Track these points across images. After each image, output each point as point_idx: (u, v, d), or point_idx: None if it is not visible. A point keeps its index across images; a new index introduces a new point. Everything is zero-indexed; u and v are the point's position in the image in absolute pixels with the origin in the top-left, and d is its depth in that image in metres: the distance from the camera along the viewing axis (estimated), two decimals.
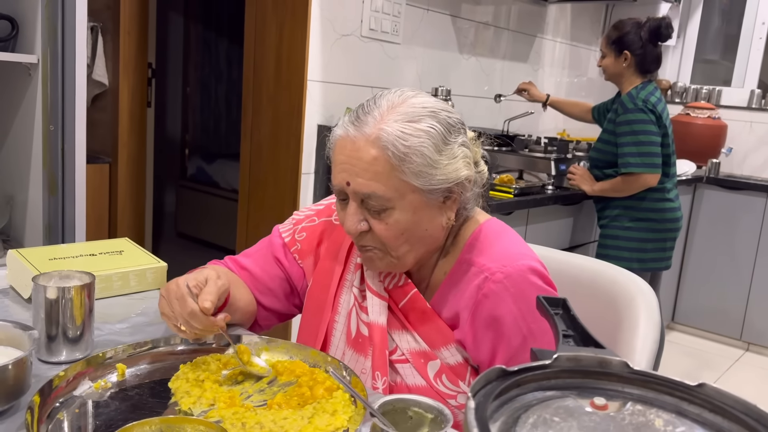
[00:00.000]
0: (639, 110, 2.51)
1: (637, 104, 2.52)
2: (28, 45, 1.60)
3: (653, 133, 2.51)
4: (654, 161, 2.52)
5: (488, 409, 0.55)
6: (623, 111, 2.55)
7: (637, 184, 2.57)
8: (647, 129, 2.51)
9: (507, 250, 1.05)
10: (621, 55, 2.61)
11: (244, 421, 0.82)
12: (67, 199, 1.57)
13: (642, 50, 2.58)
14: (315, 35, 2.43)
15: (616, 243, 2.69)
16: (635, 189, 2.59)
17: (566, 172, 2.82)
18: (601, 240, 2.76)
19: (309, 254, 1.19)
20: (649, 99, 2.53)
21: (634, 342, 1.24)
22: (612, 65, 2.65)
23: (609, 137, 2.64)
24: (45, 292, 0.97)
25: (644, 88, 2.57)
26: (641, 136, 2.51)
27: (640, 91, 2.56)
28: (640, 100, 2.53)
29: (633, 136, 2.52)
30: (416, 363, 1.05)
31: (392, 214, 0.97)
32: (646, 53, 2.58)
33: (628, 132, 2.53)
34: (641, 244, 2.68)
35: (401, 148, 0.94)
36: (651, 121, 2.51)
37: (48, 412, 0.81)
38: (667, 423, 0.55)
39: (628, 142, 2.53)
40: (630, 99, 2.55)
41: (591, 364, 0.61)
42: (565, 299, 0.74)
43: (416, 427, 0.79)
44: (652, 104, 2.53)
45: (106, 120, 3.31)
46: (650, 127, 2.51)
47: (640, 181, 2.55)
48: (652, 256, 2.71)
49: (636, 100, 2.53)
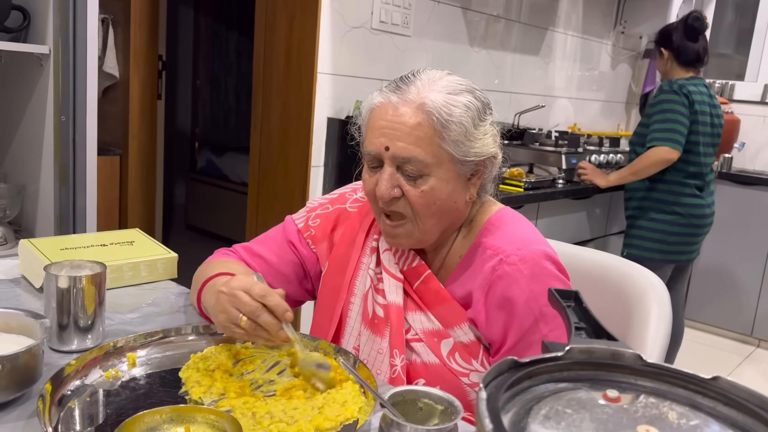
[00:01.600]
0: (672, 92, 2.60)
1: (672, 87, 2.60)
2: (40, 35, 1.61)
3: (681, 113, 2.56)
4: (676, 137, 2.54)
5: (500, 399, 0.54)
6: (658, 93, 2.65)
7: (655, 157, 2.56)
8: (675, 108, 2.56)
9: (522, 235, 1.08)
10: (662, 54, 2.73)
11: (254, 410, 0.82)
12: (78, 190, 1.58)
13: (677, 45, 2.67)
14: (325, 28, 2.42)
15: (642, 233, 2.71)
16: (653, 166, 2.59)
17: (577, 166, 2.81)
18: (628, 230, 2.79)
19: (323, 240, 1.20)
20: (685, 85, 2.59)
21: (645, 336, 1.23)
22: (661, 65, 2.76)
23: (646, 120, 2.69)
24: (57, 281, 0.98)
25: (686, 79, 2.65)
26: (668, 114, 2.57)
27: (679, 79, 2.64)
28: (676, 84, 2.60)
29: (662, 114, 2.59)
30: (429, 342, 1.07)
31: (428, 181, 1.00)
32: (680, 47, 2.67)
33: (657, 111, 2.61)
34: (666, 236, 2.69)
35: (444, 115, 0.98)
36: (682, 103, 2.56)
37: (59, 400, 0.82)
38: (680, 416, 0.55)
39: (656, 119, 2.60)
40: (668, 83, 2.63)
41: (604, 357, 0.61)
42: (577, 291, 0.73)
43: (426, 418, 0.79)
44: (688, 91, 2.58)
45: (117, 112, 3.32)
46: (680, 107, 2.56)
47: (658, 153, 2.55)
48: (676, 249, 2.72)
49: (673, 84, 2.62)
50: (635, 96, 4.45)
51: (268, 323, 0.91)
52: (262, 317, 0.91)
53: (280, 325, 0.92)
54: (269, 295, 0.92)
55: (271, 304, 0.91)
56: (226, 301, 0.93)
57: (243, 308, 0.91)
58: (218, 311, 0.94)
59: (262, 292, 0.92)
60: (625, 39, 4.20)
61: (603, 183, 2.75)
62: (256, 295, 0.91)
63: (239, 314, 0.91)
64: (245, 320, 0.91)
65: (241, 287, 0.92)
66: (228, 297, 0.93)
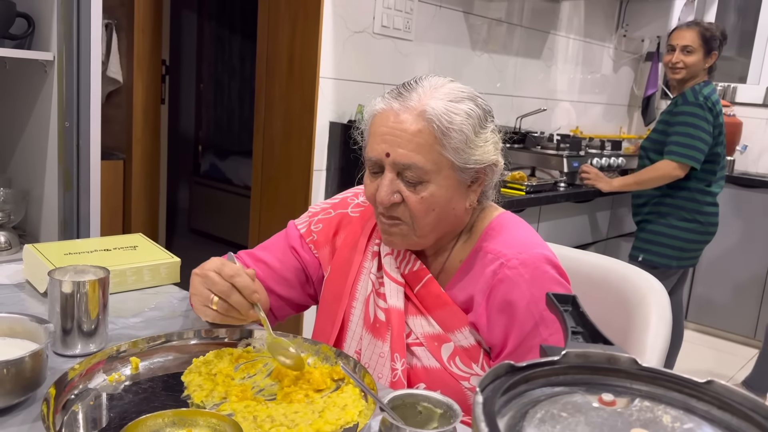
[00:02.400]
0: (698, 105, 2.54)
1: (698, 99, 2.55)
2: (44, 42, 1.62)
3: (706, 131, 2.53)
4: (696, 155, 2.53)
5: (496, 403, 0.55)
6: (683, 102, 2.58)
7: (662, 172, 2.56)
8: (699, 124, 2.53)
9: (523, 239, 1.08)
10: (710, 54, 2.64)
11: (256, 414, 0.83)
12: (81, 195, 1.59)
13: (719, 51, 2.66)
14: (327, 32, 2.43)
15: (659, 239, 2.68)
16: (661, 179, 2.58)
17: (580, 169, 2.81)
18: (642, 234, 2.74)
19: (325, 245, 1.21)
20: (711, 96, 2.57)
21: (645, 340, 1.24)
22: (698, 63, 2.64)
23: (664, 127, 2.65)
24: (60, 286, 0.99)
25: (707, 86, 2.62)
26: (692, 129, 2.53)
27: (703, 87, 2.60)
28: (702, 96, 2.56)
29: (685, 127, 2.54)
30: (430, 346, 1.07)
31: (427, 187, 1.01)
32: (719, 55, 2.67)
33: (682, 123, 2.56)
34: (684, 244, 2.68)
35: (445, 123, 0.98)
36: (706, 118, 2.54)
37: (63, 404, 0.83)
38: (674, 419, 0.55)
39: (679, 132, 2.56)
40: (693, 93, 2.57)
41: (599, 361, 0.61)
42: (574, 296, 0.74)
43: (426, 421, 0.80)
44: (713, 102, 2.56)
45: (121, 117, 3.33)
46: (704, 123, 2.53)
47: (666, 169, 2.54)
48: (690, 255, 2.72)
49: (698, 95, 2.56)
50: (637, 99, 4.45)
51: (239, 303, 0.94)
52: (232, 297, 0.94)
53: (250, 305, 0.94)
54: (238, 276, 0.95)
55: (240, 285, 0.94)
56: (199, 283, 0.96)
57: (214, 288, 0.94)
58: (192, 294, 0.98)
59: (232, 272, 0.94)
60: (627, 42, 4.21)
61: (606, 188, 2.73)
62: (226, 276, 0.94)
63: (211, 295, 0.94)
64: (217, 300, 0.94)
65: (212, 267, 0.95)
66: (201, 278, 0.96)
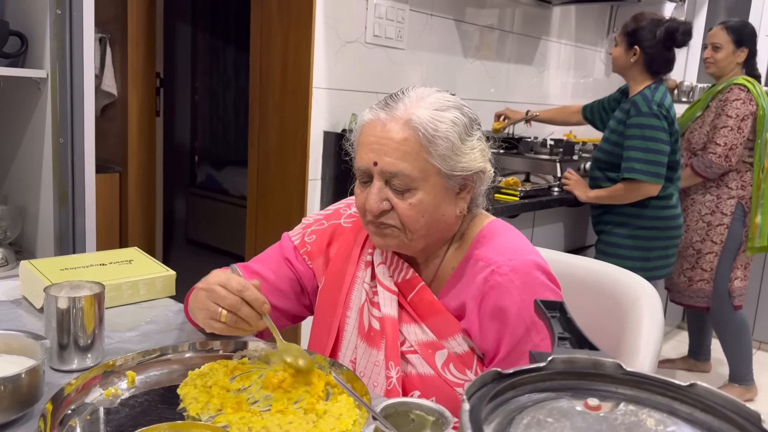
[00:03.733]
0: (653, 115, 2.42)
1: (652, 108, 2.43)
2: (38, 60, 1.64)
3: (663, 141, 2.43)
4: (659, 171, 2.44)
5: (483, 410, 0.56)
6: (636, 113, 2.45)
7: (638, 193, 2.49)
8: (658, 136, 2.42)
9: (513, 246, 1.10)
10: (631, 49, 2.52)
11: (251, 425, 0.84)
12: (77, 210, 1.60)
13: (652, 50, 2.48)
14: (320, 43, 2.45)
15: (618, 251, 2.61)
16: (635, 198, 2.51)
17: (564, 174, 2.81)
18: (602, 247, 2.68)
19: (319, 255, 1.23)
20: (663, 103, 2.45)
21: (638, 343, 1.25)
22: (621, 57, 2.56)
23: (617, 138, 2.54)
24: (56, 302, 1.00)
25: (657, 90, 2.49)
26: (651, 143, 2.42)
27: (654, 92, 2.47)
28: (654, 103, 2.43)
29: (643, 141, 2.42)
30: (424, 353, 1.09)
31: (415, 194, 1.03)
32: (656, 54, 2.48)
33: (638, 136, 2.43)
34: (645, 253, 2.62)
35: (431, 131, 1.01)
36: (663, 129, 2.42)
37: (60, 420, 0.84)
38: (658, 422, 0.56)
39: (636, 146, 2.44)
40: (645, 101, 2.45)
41: (585, 366, 0.63)
42: (562, 302, 0.75)
43: (418, 429, 0.81)
44: (666, 109, 2.45)
45: (116, 130, 3.35)
46: (661, 134, 2.42)
47: (641, 190, 2.48)
48: (655, 264, 2.66)
49: (651, 103, 2.44)
50: None
51: (249, 316, 0.95)
52: (242, 310, 0.94)
53: (259, 316, 0.95)
54: (247, 289, 0.95)
55: (250, 298, 0.95)
56: (205, 297, 0.97)
57: (222, 302, 0.95)
58: (197, 308, 0.98)
59: (240, 286, 0.95)
60: None
61: (582, 197, 2.64)
62: (234, 290, 0.95)
63: (219, 308, 0.94)
64: (225, 314, 0.94)
65: (218, 282, 0.96)
66: (206, 293, 0.96)
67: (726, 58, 2.88)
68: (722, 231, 2.95)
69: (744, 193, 2.95)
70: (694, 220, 3.01)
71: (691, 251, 3.02)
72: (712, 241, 2.98)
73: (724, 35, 2.87)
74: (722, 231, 2.95)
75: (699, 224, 2.99)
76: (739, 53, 2.88)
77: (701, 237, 2.99)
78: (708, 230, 2.97)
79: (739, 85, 2.85)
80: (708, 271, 2.99)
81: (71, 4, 1.52)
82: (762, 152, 2.91)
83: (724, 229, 2.95)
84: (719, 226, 2.96)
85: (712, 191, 2.96)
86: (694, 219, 3.00)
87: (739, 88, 2.84)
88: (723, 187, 2.95)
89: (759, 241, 2.95)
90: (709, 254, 2.99)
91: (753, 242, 2.96)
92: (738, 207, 2.94)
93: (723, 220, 2.95)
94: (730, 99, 2.83)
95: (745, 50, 2.87)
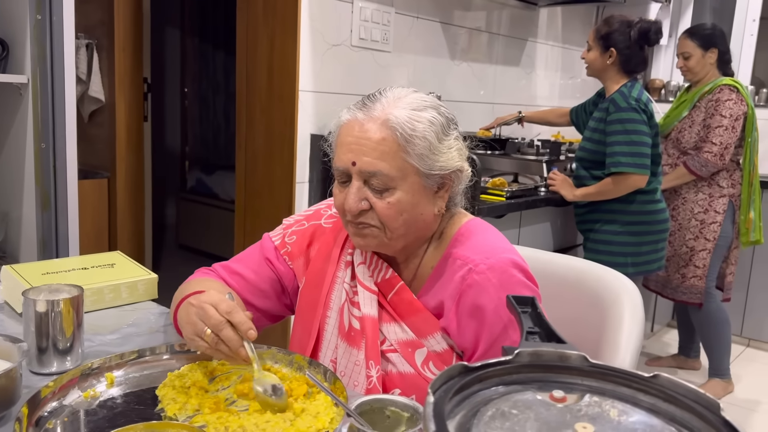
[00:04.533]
0: (632, 109, 2.48)
1: (630, 103, 2.49)
2: (18, 65, 1.64)
3: (645, 133, 2.48)
4: (644, 162, 2.49)
5: (450, 403, 0.57)
6: (615, 109, 2.51)
7: (626, 185, 2.53)
8: (639, 129, 2.47)
9: (490, 245, 1.10)
10: (607, 51, 2.58)
11: (228, 425, 0.85)
12: (60, 215, 1.60)
13: (628, 50, 2.55)
14: (305, 46, 2.46)
15: (609, 248, 2.64)
16: (623, 191, 2.55)
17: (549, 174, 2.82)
18: (591, 245, 2.70)
19: (299, 256, 1.23)
20: (641, 98, 2.52)
21: (618, 339, 1.26)
22: (596, 60, 2.63)
23: (599, 137, 2.59)
24: (35, 305, 1.00)
25: (634, 87, 2.55)
26: (633, 136, 2.47)
27: (630, 89, 2.54)
28: (632, 98, 2.50)
29: (625, 135, 2.48)
30: (404, 352, 1.09)
31: (394, 193, 1.04)
32: (631, 54, 2.55)
33: (620, 131, 2.49)
34: (636, 248, 2.65)
35: (408, 130, 1.02)
36: (643, 121, 2.48)
37: (37, 421, 0.84)
38: (621, 413, 0.57)
39: (619, 141, 2.49)
40: (623, 98, 2.51)
41: (551, 359, 0.63)
42: (533, 298, 0.76)
43: (394, 425, 0.81)
44: (644, 103, 2.51)
45: (104, 135, 3.34)
46: (642, 127, 2.48)
47: (629, 182, 2.52)
48: (647, 259, 2.69)
49: (629, 98, 2.50)
50: None
51: (230, 338, 0.94)
52: (224, 332, 0.94)
53: (241, 342, 0.94)
54: (235, 312, 0.95)
55: (236, 321, 0.94)
56: (194, 314, 0.96)
57: (208, 321, 0.95)
58: (185, 322, 0.98)
59: (229, 309, 0.95)
60: None
61: (569, 196, 2.66)
62: (223, 311, 0.95)
63: (204, 327, 0.94)
64: (209, 333, 0.94)
65: (209, 302, 0.96)
66: (196, 309, 0.96)
67: (698, 64, 2.96)
68: (715, 228, 3.01)
69: (734, 191, 3.01)
70: (687, 218, 3.05)
71: (685, 249, 3.06)
72: (705, 239, 3.02)
73: (689, 43, 2.97)
74: (715, 228, 3.01)
75: (692, 222, 3.04)
76: (709, 55, 2.95)
77: (694, 235, 3.04)
78: (701, 228, 3.02)
79: (728, 85, 2.90)
80: (701, 267, 3.03)
81: (51, 9, 1.52)
82: (752, 150, 2.96)
83: (717, 226, 3.01)
84: (712, 224, 3.01)
85: (704, 190, 3.00)
86: (687, 217, 3.05)
87: (729, 88, 2.89)
88: (714, 186, 3.00)
89: (753, 235, 3.04)
90: (702, 251, 3.03)
91: (747, 236, 3.04)
92: (729, 205, 3.00)
93: (716, 218, 3.00)
94: (722, 99, 2.88)
95: (714, 50, 2.94)
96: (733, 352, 3.71)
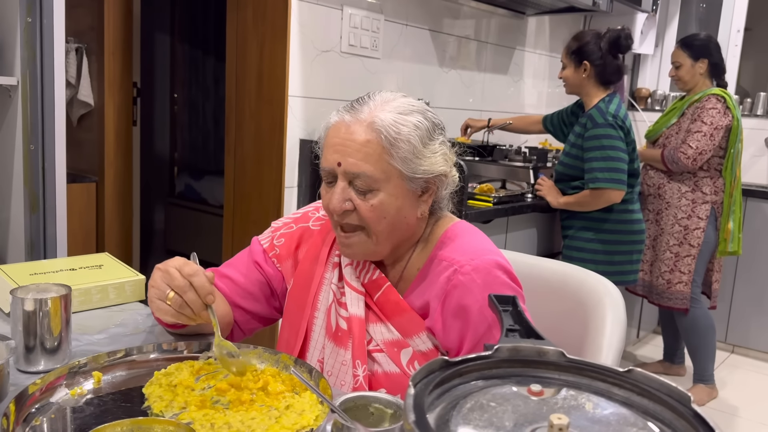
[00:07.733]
0: (609, 125, 2.52)
1: (607, 119, 2.53)
2: (8, 67, 1.64)
3: (621, 149, 2.54)
4: (621, 177, 2.55)
5: (430, 396, 0.58)
6: (592, 125, 2.56)
7: (603, 200, 2.59)
8: (616, 145, 2.52)
9: (475, 246, 1.12)
10: (581, 66, 2.64)
11: (213, 421, 0.86)
12: (48, 217, 1.61)
13: (601, 61, 2.60)
14: (295, 52, 2.48)
15: (581, 255, 2.69)
16: (600, 204, 2.61)
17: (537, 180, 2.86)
18: (566, 251, 2.76)
19: (287, 258, 1.25)
20: (618, 114, 2.55)
21: (600, 342, 1.28)
22: (572, 76, 2.68)
23: (577, 152, 2.65)
24: (23, 304, 1.00)
25: (611, 101, 2.59)
26: (609, 152, 2.53)
27: (608, 104, 2.58)
28: (609, 115, 2.53)
29: (601, 151, 2.53)
30: (390, 352, 1.11)
31: (377, 195, 1.05)
32: (605, 64, 2.60)
33: (596, 147, 2.54)
34: (609, 257, 2.70)
35: (393, 134, 1.04)
36: (620, 138, 2.53)
37: (24, 418, 0.84)
38: (596, 406, 0.59)
39: (596, 157, 2.54)
40: (600, 113, 2.55)
41: (530, 354, 0.65)
42: (514, 297, 0.77)
43: (378, 422, 0.82)
44: (621, 119, 2.55)
45: (92, 139, 3.34)
46: (619, 143, 2.53)
47: (605, 197, 2.57)
48: (621, 269, 2.73)
49: (606, 114, 2.53)
50: None
51: (193, 301, 0.97)
52: (188, 294, 0.97)
53: (203, 305, 0.97)
54: (197, 276, 0.98)
55: (197, 284, 0.97)
56: (159, 277, 1.00)
57: (172, 283, 0.98)
58: (150, 286, 1.02)
59: (191, 272, 0.98)
60: None
61: (554, 203, 2.72)
62: (186, 274, 0.97)
63: (168, 289, 0.97)
64: (172, 295, 0.97)
65: (173, 265, 0.99)
66: (161, 273, 1.00)
67: (687, 73, 3.05)
68: (699, 234, 3.06)
69: (716, 198, 3.06)
70: (670, 224, 3.09)
71: (669, 254, 3.10)
72: (689, 245, 3.07)
73: (680, 53, 3.06)
74: (699, 234, 3.06)
75: (675, 228, 3.08)
76: (699, 65, 3.03)
77: (678, 240, 3.08)
78: (685, 234, 3.07)
79: (716, 95, 2.96)
80: (686, 273, 3.07)
81: (42, 12, 1.53)
82: (734, 161, 3.01)
83: (700, 232, 3.06)
84: (696, 230, 3.06)
85: (688, 195, 3.05)
86: (670, 223, 3.09)
87: (716, 98, 2.95)
88: (698, 192, 3.05)
89: (731, 246, 3.07)
90: (687, 257, 3.08)
91: (725, 246, 3.08)
92: (711, 211, 3.04)
93: (699, 224, 3.05)
94: (706, 107, 2.95)
95: (705, 60, 3.01)
96: (718, 358, 3.75)
